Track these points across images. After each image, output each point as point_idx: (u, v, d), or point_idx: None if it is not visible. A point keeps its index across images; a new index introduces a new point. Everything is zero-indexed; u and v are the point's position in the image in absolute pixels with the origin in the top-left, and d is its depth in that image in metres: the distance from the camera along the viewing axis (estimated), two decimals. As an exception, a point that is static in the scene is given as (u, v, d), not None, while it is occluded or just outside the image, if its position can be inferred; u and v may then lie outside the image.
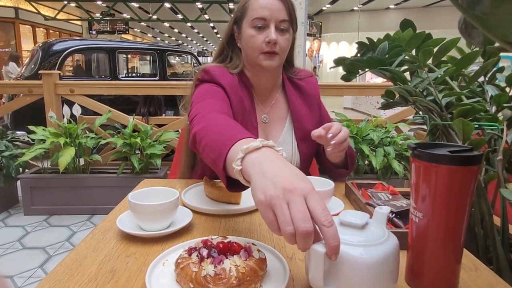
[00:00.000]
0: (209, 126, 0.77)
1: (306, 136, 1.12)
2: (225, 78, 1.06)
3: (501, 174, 0.74)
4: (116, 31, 13.53)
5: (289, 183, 0.47)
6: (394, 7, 14.54)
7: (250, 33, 1.04)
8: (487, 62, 0.81)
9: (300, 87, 1.19)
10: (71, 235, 2.55)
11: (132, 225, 0.75)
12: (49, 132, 2.73)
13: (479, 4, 0.23)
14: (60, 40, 4.78)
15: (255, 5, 1.04)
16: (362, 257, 0.47)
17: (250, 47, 1.05)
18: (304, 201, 0.46)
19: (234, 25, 1.11)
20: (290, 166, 0.52)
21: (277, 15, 1.03)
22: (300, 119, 1.15)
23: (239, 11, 1.08)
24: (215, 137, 0.71)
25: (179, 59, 11.39)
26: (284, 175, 0.49)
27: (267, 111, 1.16)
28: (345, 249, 0.47)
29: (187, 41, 29.47)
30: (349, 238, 0.49)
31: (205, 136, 0.75)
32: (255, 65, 1.08)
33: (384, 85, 2.93)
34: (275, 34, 1.02)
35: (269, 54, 1.04)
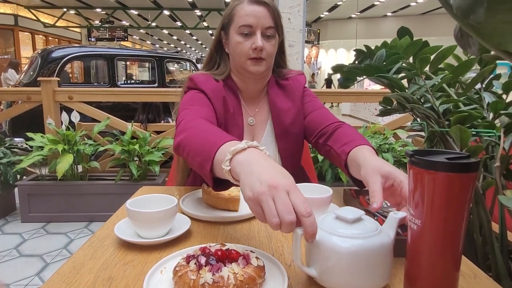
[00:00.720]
0: (193, 133, 0.82)
1: (285, 132, 1.14)
2: (207, 84, 1.09)
3: (498, 180, 0.74)
4: (115, 38, 13.60)
5: (273, 181, 0.54)
6: (391, 14, 14.68)
7: (237, 39, 1.06)
8: (483, 70, 0.81)
9: (284, 86, 1.20)
10: (69, 242, 2.53)
11: (130, 232, 0.75)
12: (48, 139, 2.72)
13: (473, 13, 0.24)
14: (59, 47, 4.80)
15: (241, 12, 1.06)
16: (342, 246, 0.53)
17: (238, 53, 1.07)
18: (287, 196, 0.53)
19: (222, 31, 1.13)
20: (274, 165, 0.59)
21: (263, 22, 1.05)
22: (279, 116, 1.15)
23: (226, 18, 1.10)
24: (200, 142, 0.76)
25: (177, 66, 11.44)
26: (269, 173, 0.56)
27: (253, 114, 1.18)
28: (329, 238, 0.54)
29: (186, 48, 29.61)
30: (338, 229, 0.56)
31: (190, 142, 0.80)
32: (243, 70, 1.10)
33: (382, 92, 2.95)
34: (261, 41, 1.04)
35: (256, 60, 1.06)
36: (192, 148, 0.77)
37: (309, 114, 1.18)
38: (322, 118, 1.13)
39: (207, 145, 0.71)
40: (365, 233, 0.55)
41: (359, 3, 11.49)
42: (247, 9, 1.05)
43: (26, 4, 12.46)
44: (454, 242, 0.52)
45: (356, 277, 0.54)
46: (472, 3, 0.23)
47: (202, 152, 0.72)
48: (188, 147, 0.79)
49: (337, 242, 0.54)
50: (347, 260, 0.53)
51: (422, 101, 0.91)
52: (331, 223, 0.57)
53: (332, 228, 0.56)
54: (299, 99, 1.19)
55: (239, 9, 1.06)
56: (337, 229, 0.56)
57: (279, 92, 1.19)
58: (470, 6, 0.24)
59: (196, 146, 0.76)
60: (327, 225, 0.57)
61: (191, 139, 0.80)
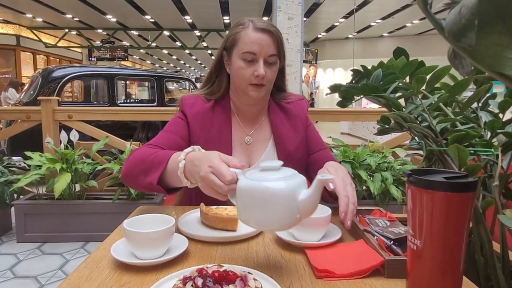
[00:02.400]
0: (139, 156, 0.99)
1: (288, 157, 1.14)
2: (192, 107, 1.14)
3: (498, 200, 0.74)
4: (115, 58, 13.79)
5: (210, 164, 0.73)
6: (387, 35, 14.95)
7: (240, 64, 1.07)
8: (479, 89, 0.82)
9: (286, 109, 1.22)
10: (64, 263, 2.49)
11: (127, 253, 0.74)
12: (46, 157, 2.72)
13: (465, 37, 0.24)
14: (60, 67, 4.85)
15: (245, 38, 1.07)
16: (272, 188, 0.65)
17: (239, 77, 1.09)
18: (223, 166, 0.72)
19: (224, 51, 1.14)
20: (207, 153, 0.78)
21: (267, 50, 1.06)
22: (282, 141, 1.16)
23: (230, 40, 1.11)
24: (149, 159, 0.94)
25: (177, 85, 11.55)
26: (205, 160, 0.75)
27: (251, 133, 1.18)
28: (241, 183, 0.68)
29: (186, 68, 29.95)
30: (254, 176, 0.68)
31: (138, 162, 0.97)
32: (243, 93, 1.12)
33: (380, 110, 2.97)
34: (264, 69, 1.06)
35: (257, 86, 1.08)
36: (140, 165, 0.94)
37: (315, 153, 1.21)
38: (325, 160, 1.12)
39: (157, 160, 0.91)
40: (276, 177, 0.66)
41: (356, 23, 11.71)
42: (252, 36, 1.06)
43: (28, 25, 12.68)
44: (454, 262, 0.51)
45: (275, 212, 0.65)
46: (462, 28, 0.24)
47: (151, 165, 0.91)
48: (136, 166, 0.96)
49: (270, 186, 0.65)
50: (280, 198, 0.64)
51: (419, 120, 0.91)
52: (259, 174, 0.68)
53: (259, 177, 0.67)
54: (302, 128, 1.21)
55: (244, 34, 1.07)
56: (266, 176, 0.67)
57: (281, 116, 1.20)
58: (461, 31, 0.24)
59: (145, 163, 0.93)
60: (253, 176, 0.69)
61: (138, 160, 0.97)
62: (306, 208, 0.65)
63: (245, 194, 0.67)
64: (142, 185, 0.94)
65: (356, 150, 2.68)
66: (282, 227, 0.71)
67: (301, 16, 4.35)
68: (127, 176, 1.00)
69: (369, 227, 0.84)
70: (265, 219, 0.66)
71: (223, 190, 0.70)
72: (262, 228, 0.74)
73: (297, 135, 1.19)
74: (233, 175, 0.70)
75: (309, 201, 0.65)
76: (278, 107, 1.21)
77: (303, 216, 0.67)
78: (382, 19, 12.10)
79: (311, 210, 0.66)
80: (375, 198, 2.50)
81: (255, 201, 0.66)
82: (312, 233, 0.82)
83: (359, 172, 2.51)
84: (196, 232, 0.86)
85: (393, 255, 0.71)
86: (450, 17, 0.26)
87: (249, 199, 0.67)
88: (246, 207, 0.68)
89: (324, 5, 10.22)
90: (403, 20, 12.17)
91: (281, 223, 0.66)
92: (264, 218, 0.66)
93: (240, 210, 0.69)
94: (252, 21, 1.09)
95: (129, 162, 1.00)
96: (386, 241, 0.75)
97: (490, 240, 0.79)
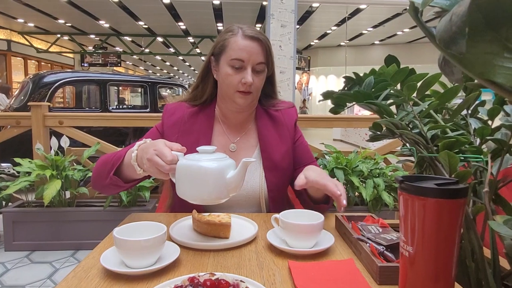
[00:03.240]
0: (102, 159, 1.06)
1: (274, 166, 1.14)
2: (171, 116, 1.17)
3: (488, 206, 0.75)
4: (108, 64, 13.71)
5: (155, 148, 0.83)
6: (379, 43, 15.13)
7: (227, 71, 1.07)
8: (469, 96, 0.83)
9: (274, 117, 1.21)
10: (53, 272, 2.44)
11: (117, 261, 0.72)
12: (35, 164, 2.68)
13: (455, 44, 0.24)
14: (51, 72, 4.81)
15: (234, 45, 1.07)
16: (187, 163, 0.80)
17: (227, 84, 1.09)
18: (165, 149, 0.83)
19: (212, 57, 1.14)
20: (154, 141, 0.88)
21: (255, 58, 1.06)
22: (268, 149, 1.15)
23: (218, 46, 1.11)
24: (109, 158, 1.02)
25: (170, 91, 11.52)
26: (151, 146, 0.85)
27: (236, 140, 1.18)
28: (179, 163, 0.82)
29: (179, 74, 29.93)
30: (191, 157, 0.82)
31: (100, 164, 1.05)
32: (229, 100, 1.12)
33: (371, 117, 2.99)
34: (251, 76, 1.06)
35: (244, 93, 1.08)
36: (104, 167, 1.01)
37: (301, 166, 1.18)
38: None
39: (116, 157, 0.99)
40: (209, 158, 0.81)
41: (348, 31, 11.85)
42: (240, 44, 1.06)
43: (20, 30, 12.59)
44: (446, 268, 0.51)
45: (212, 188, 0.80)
46: (453, 35, 0.24)
47: (112, 162, 0.99)
48: (101, 169, 1.02)
49: (203, 165, 0.79)
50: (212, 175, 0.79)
51: (410, 127, 0.92)
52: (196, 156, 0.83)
53: (195, 158, 0.82)
54: (289, 137, 1.20)
55: (233, 41, 1.07)
56: (200, 157, 0.81)
57: (268, 124, 1.19)
58: (452, 38, 0.24)
59: (107, 164, 1.00)
60: (190, 157, 0.83)
61: (102, 163, 1.03)
62: (232, 185, 0.81)
63: (183, 172, 0.80)
64: (106, 184, 0.99)
65: (348, 157, 2.70)
66: (212, 200, 0.83)
67: (294, 23, 4.39)
68: (95, 179, 1.05)
69: (361, 234, 0.84)
70: (198, 193, 0.80)
71: (165, 169, 0.81)
72: (196, 200, 0.83)
73: (283, 144, 1.18)
74: (173, 156, 0.82)
75: (235, 180, 0.81)
76: (265, 114, 1.21)
77: (231, 192, 0.82)
78: (373, 27, 12.25)
79: (236, 187, 0.82)
80: (367, 204, 2.51)
81: (190, 178, 0.80)
82: (304, 240, 0.81)
83: (351, 179, 2.52)
84: (188, 239, 0.85)
85: (385, 262, 0.71)
86: (441, 25, 0.26)
87: (186, 176, 0.80)
88: (183, 182, 0.81)
89: (317, 13, 10.32)
90: (394, 29, 12.34)
91: (211, 196, 0.80)
92: (197, 192, 0.80)
93: (179, 186, 0.82)
94: (241, 28, 1.09)
95: (96, 168, 1.06)
96: (379, 248, 0.75)
97: (481, 246, 0.79)
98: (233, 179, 0.80)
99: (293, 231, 0.81)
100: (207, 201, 0.85)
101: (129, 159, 0.93)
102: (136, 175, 0.93)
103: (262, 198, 1.13)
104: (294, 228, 0.81)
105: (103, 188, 1.04)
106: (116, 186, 1.00)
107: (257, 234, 0.91)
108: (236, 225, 0.94)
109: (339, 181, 2.49)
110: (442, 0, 0.30)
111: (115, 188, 1.02)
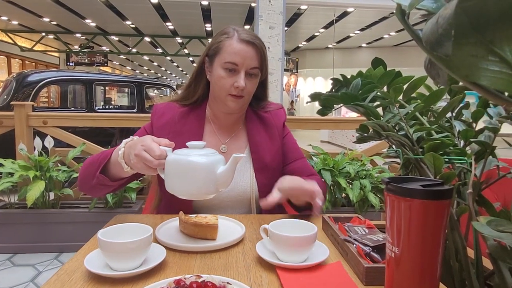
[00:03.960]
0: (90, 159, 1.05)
1: (264, 167, 1.14)
2: (161, 117, 1.16)
3: (472, 206, 0.76)
4: (94, 63, 13.50)
5: (142, 144, 0.83)
6: (366, 45, 15.31)
7: (221, 74, 1.07)
8: (453, 99, 0.85)
9: (263, 118, 1.21)
10: (36, 275, 2.39)
11: (101, 264, 0.71)
12: (18, 165, 2.62)
13: (442, 46, 0.24)
14: (36, 71, 4.70)
15: (229, 48, 1.06)
16: (178, 158, 0.80)
17: (219, 86, 1.08)
18: (153, 144, 0.82)
19: (206, 57, 1.13)
20: (142, 137, 0.87)
21: (249, 62, 1.06)
22: (258, 150, 1.16)
23: (213, 48, 1.10)
24: (96, 158, 1.01)
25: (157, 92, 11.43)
26: (139, 142, 0.84)
27: (226, 141, 1.17)
28: (169, 157, 0.81)
29: (167, 74, 29.71)
30: (181, 152, 0.82)
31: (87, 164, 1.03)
32: (221, 102, 1.11)
33: (358, 119, 3.02)
34: (244, 81, 1.05)
35: (236, 97, 1.07)
36: (91, 167, 0.99)
37: (291, 163, 1.20)
38: (302, 170, 1.18)
39: (103, 156, 0.98)
40: (199, 154, 0.80)
41: (336, 34, 11.95)
42: (235, 47, 1.05)
43: (3, 27, 12.30)
44: (432, 268, 0.52)
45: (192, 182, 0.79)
46: (439, 37, 0.24)
47: (99, 161, 0.97)
48: (88, 170, 1.00)
49: (193, 159, 0.79)
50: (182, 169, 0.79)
51: (396, 129, 0.93)
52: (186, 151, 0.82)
53: (184, 153, 0.81)
54: (278, 137, 1.21)
55: (228, 44, 1.06)
56: (190, 152, 0.81)
57: (258, 125, 1.20)
58: (438, 40, 0.25)
59: (94, 163, 0.98)
60: (180, 152, 0.82)
61: (89, 163, 1.02)
62: (222, 180, 0.80)
63: (172, 166, 0.80)
64: (93, 184, 0.98)
65: (335, 158, 2.71)
66: (201, 195, 0.82)
67: (282, 25, 4.41)
68: (82, 180, 1.03)
69: (348, 235, 0.84)
70: (187, 187, 0.79)
71: (153, 164, 0.80)
72: (185, 195, 0.82)
73: (273, 145, 1.18)
74: (162, 151, 0.80)
75: (225, 175, 0.80)
76: (255, 116, 1.21)
77: (220, 187, 0.81)
78: (360, 31, 12.39)
79: (226, 183, 0.81)
80: (354, 205, 2.53)
81: (180, 172, 0.79)
82: (295, 254, 0.74)
83: (338, 180, 2.54)
84: (174, 241, 0.84)
85: (372, 262, 0.72)
86: (428, 27, 0.26)
87: (175, 171, 0.79)
88: (172, 177, 0.80)
89: (305, 15, 10.38)
90: (381, 32, 12.51)
91: (200, 191, 0.80)
92: (187, 187, 0.79)
93: (168, 181, 0.81)
94: (237, 31, 1.08)
95: (82, 169, 1.04)
96: (365, 249, 0.76)
97: (465, 246, 0.81)
98: (223, 174, 0.80)
99: (283, 244, 0.74)
100: (196, 196, 0.85)
101: (116, 157, 0.91)
102: (124, 173, 0.92)
103: (253, 199, 1.13)
104: (284, 240, 0.74)
105: (91, 189, 1.02)
106: (104, 185, 0.98)
107: (245, 235, 0.91)
108: (223, 226, 0.94)
109: (327, 183, 2.50)
110: (428, 3, 0.31)
111: (103, 188, 1.00)
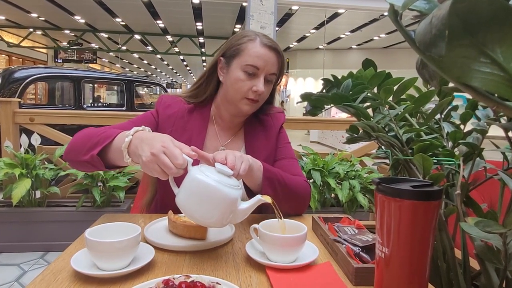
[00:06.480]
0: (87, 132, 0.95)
1: None
2: (167, 108, 1.11)
3: (460, 207, 0.77)
4: (83, 60, 13.34)
5: (164, 145, 0.74)
6: (356, 47, 15.44)
7: (239, 76, 1.04)
8: (442, 101, 0.86)
9: (263, 121, 1.21)
10: (21, 274, 2.34)
11: (88, 264, 0.70)
12: (4, 162, 2.57)
13: (435, 47, 0.25)
14: (23, 68, 4.62)
15: (252, 51, 1.04)
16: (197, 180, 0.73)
17: (236, 89, 1.05)
18: (176, 149, 0.74)
19: (222, 57, 1.10)
20: (160, 134, 0.80)
21: (270, 68, 1.05)
22: (253, 151, 1.14)
23: (232, 49, 1.07)
24: (98, 135, 0.90)
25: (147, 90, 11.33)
26: (158, 139, 0.76)
27: (225, 143, 1.16)
28: (198, 176, 0.73)
29: (157, 73, 29.49)
30: (209, 174, 0.75)
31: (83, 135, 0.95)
32: (232, 104, 1.09)
33: (348, 120, 3.03)
34: (263, 86, 1.04)
35: (252, 101, 1.06)
36: (88, 141, 0.90)
37: (278, 160, 1.18)
38: (288, 169, 1.12)
39: (105, 135, 0.89)
40: (222, 181, 0.74)
41: (326, 35, 12.02)
42: (258, 50, 1.04)
43: (-10, 23, 12.07)
44: (421, 269, 0.52)
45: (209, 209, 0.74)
46: (433, 37, 0.24)
47: (98, 139, 0.88)
48: (84, 141, 0.91)
49: (224, 190, 0.73)
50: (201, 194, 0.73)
51: (386, 130, 0.94)
52: (212, 171, 0.77)
53: (214, 177, 0.75)
54: (274, 137, 1.20)
55: (251, 47, 1.04)
56: (220, 179, 0.75)
57: (257, 127, 1.18)
58: (432, 41, 0.25)
59: (92, 139, 0.90)
60: (208, 173, 0.75)
61: (87, 136, 0.93)
62: (239, 216, 0.78)
63: (197, 185, 0.73)
64: (83, 160, 0.90)
65: (325, 159, 2.73)
66: (214, 224, 0.77)
67: (273, 25, 4.41)
68: (72, 150, 0.95)
69: (337, 235, 0.85)
70: (204, 213, 0.74)
71: (172, 171, 0.73)
72: (196, 219, 0.77)
73: (268, 145, 1.18)
74: (184, 160, 0.73)
75: (244, 212, 0.78)
76: (255, 118, 1.20)
77: (233, 222, 0.79)
78: (351, 32, 12.49)
79: (241, 219, 0.79)
80: (343, 205, 2.55)
81: (203, 197, 0.73)
82: (285, 254, 0.75)
83: (328, 180, 2.55)
84: (163, 241, 0.83)
85: (361, 263, 0.72)
86: (421, 27, 0.26)
87: (199, 192, 0.73)
88: (191, 196, 0.74)
89: (296, 16, 10.41)
90: (371, 34, 12.62)
91: (216, 222, 0.75)
92: (203, 213, 0.74)
93: (183, 197, 0.74)
94: (258, 35, 1.07)
95: (76, 137, 0.95)
96: (354, 249, 0.76)
97: (452, 247, 0.82)
98: (243, 211, 0.77)
99: (273, 244, 0.75)
100: (208, 224, 0.81)
101: (119, 143, 0.83)
102: (122, 162, 0.84)
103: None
104: (273, 240, 0.74)
105: (78, 163, 0.95)
106: (94, 166, 0.92)
107: (234, 235, 0.90)
108: (213, 230, 0.93)
109: (316, 183, 2.51)
110: (421, 4, 0.31)
111: (91, 168, 0.93)
